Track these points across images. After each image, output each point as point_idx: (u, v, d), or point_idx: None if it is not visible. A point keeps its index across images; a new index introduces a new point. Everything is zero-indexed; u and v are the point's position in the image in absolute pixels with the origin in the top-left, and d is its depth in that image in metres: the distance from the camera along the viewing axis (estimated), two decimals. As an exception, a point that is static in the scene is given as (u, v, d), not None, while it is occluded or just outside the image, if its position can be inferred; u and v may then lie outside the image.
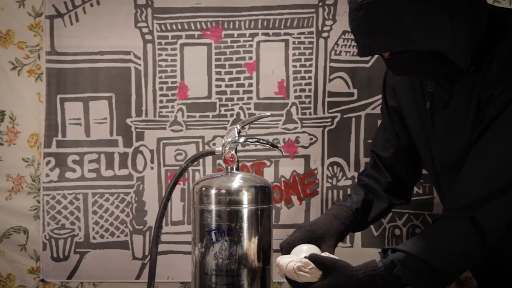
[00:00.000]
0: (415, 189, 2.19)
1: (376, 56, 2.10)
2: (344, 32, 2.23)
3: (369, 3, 1.35)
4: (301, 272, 1.44)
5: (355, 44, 1.46)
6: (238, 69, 2.27)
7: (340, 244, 2.25)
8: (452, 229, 1.35)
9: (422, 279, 1.33)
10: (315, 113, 2.26)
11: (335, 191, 2.26)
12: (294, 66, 2.25)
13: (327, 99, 2.25)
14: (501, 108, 1.33)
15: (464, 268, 1.44)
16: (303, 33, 2.25)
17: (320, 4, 2.24)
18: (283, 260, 1.51)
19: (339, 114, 2.25)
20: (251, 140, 1.62)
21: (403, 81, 1.69)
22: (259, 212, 1.52)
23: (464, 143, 1.44)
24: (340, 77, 2.24)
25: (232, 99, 2.27)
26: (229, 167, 1.56)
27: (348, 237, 2.26)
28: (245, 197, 1.50)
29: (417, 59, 1.41)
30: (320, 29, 2.24)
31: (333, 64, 2.24)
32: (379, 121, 2.01)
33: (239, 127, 1.57)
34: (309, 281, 1.44)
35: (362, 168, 2.23)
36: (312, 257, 1.45)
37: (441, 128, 1.52)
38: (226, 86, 2.27)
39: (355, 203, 1.78)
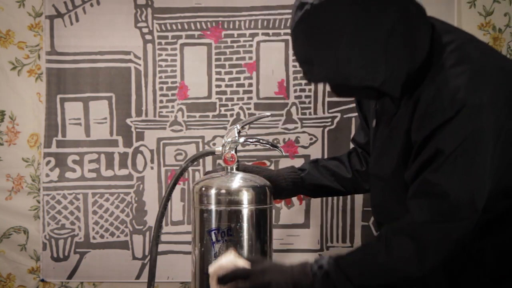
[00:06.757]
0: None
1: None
2: (344, 32, 2.23)
3: (304, 34, 1.36)
4: None
5: None
6: (238, 69, 2.27)
7: (340, 244, 2.27)
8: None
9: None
10: (315, 113, 2.26)
11: (335, 191, 2.26)
12: (294, 66, 2.24)
13: (327, 99, 2.25)
14: (427, 159, 1.34)
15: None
16: (303, 33, 2.24)
17: (320, 4, 2.24)
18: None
19: (339, 114, 2.25)
20: (251, 140, 1.62)
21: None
22: (259, 212, 1.52)
23: (394, 163, 1.45)
24: (340, 77, 2.24)
25: (232, 99, 2.27)
26: (229, 167, 1.56)
27: (348, 237, 2.26)
28: (245, 197, 1.50)
29: (352, 90, 1.43)
30: (320, 29, 2.24)
31: (333, 64, 2.24)
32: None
33: (239, 127, 1.57)
34: None
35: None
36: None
37: (380, 143, 1.54)
38: (226, 86, 2.28)
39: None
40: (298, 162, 2.23)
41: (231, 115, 2.27)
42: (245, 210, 1.50)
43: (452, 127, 1.29)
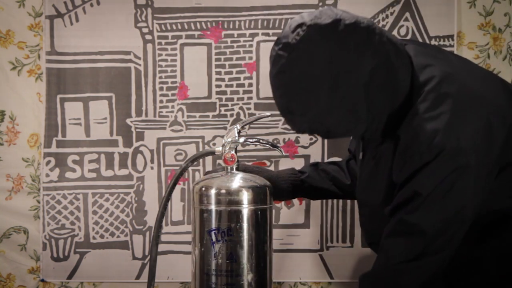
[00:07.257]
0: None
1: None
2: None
3: (283, 86, 1.35)
4: None
5: None
6: (238, 69, 2.27)
7: (340, 244, 2.27)
8: None
9: None
10: (315, 113, 2.25)
11: (335, 191, 2.26)
12: (294, 66, 2.24)
13: (327, 99, 2.25)
14: (405, 199, 1.35)
15: None
16: (303, 33, 2.24)
17: (320, 4, 2.24)
18: None
19: (339, 114, 2.25)
20: (251, 140, 1.62)
21: None
22: (259, 212, 1.52)
23: (382, 195, 1.45)
24: (340, 77, 2.24)
25: (232, 99, 2.27)
26: (229, 167, 1.56)
27: (348, 237, 2.26)
28: (245, 197, 1.50)
29: (336, 136, 1.43)
30: (320, 29, 2.24)
31: (333, 64, 2.24)
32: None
33: (239, 127, 1.57)
34: None
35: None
36: None
37: (366, 173, 1.54)
38: (226, 86, 2.28)
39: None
40: (298, 162, 2.24)
41: (231, 115, 2.27)
42: (245, 210, 1.50)
43: (429, 170, 1.29)
